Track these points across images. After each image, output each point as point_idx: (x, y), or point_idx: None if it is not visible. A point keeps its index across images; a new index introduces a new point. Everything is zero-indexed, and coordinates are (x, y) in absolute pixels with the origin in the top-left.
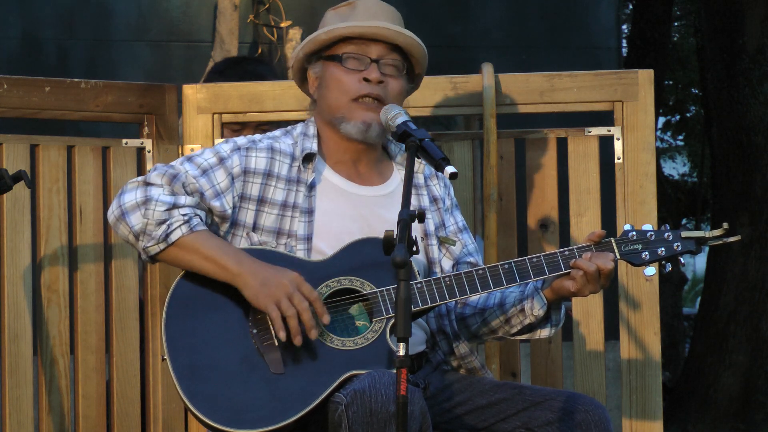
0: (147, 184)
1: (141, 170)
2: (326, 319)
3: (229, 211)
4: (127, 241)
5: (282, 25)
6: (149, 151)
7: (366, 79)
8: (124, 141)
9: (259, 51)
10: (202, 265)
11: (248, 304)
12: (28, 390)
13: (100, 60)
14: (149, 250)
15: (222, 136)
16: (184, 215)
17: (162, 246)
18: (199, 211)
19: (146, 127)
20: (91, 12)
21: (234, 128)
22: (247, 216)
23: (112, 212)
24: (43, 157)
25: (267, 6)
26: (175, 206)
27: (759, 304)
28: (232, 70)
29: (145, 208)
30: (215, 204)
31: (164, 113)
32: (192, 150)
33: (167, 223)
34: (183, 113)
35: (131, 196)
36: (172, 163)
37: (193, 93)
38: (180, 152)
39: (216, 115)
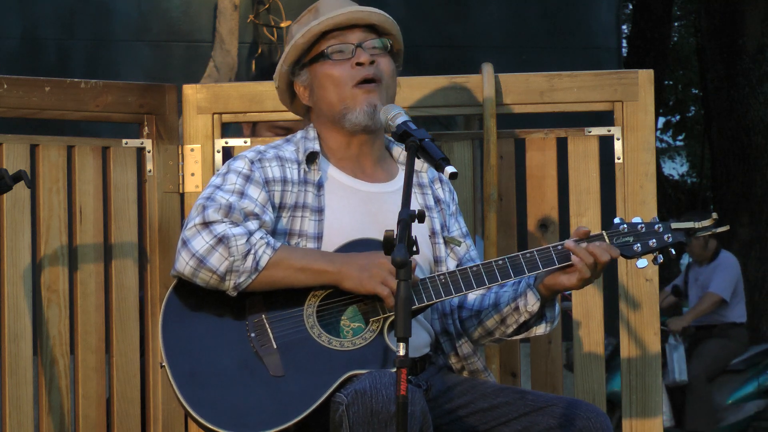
0: (207, 224)
1: (141, 170)
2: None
3: (273, 221)
4: (207, 286)
5: (282, 25)
6: (149, 151)
7: (358, 64)
8: (124, 141)
9: (259, 51)
10: (298, 278)
11: (245, 309)
12: (28, 390)
13: (100, 60)
14: (241, 285)
15: (222, 136)
16: (261, 238)
17: (254, 276)
18: (265, 231)
19: (146, 127)
20: (91, 12)
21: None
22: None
23: (186, 264)
24: (43, 157)
25: (267, 6)
26: (250, 233)
27: (759, 304)
28: None
29: (224, 246)
30: (266, 219)
31: (164, 113)
32: (192, 150)
33: (252, 252)
34: (183, 113)
35: (200, 241)
36: (212, 197)
37: (193, 93)
38: (180, 152)
39: (216, 115)
